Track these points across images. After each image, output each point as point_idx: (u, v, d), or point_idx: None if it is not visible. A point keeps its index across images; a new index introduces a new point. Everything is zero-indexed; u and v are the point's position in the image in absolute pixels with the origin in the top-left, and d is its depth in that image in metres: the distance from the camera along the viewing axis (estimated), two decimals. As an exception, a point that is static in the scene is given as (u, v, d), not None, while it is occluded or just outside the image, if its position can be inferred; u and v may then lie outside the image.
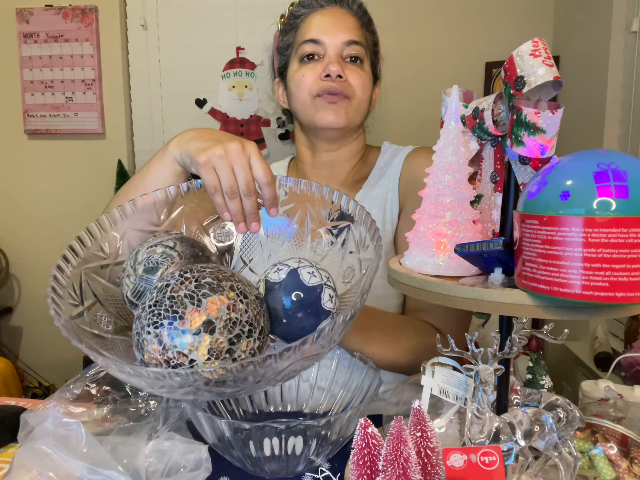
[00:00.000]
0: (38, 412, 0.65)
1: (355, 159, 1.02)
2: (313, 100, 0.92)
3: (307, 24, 0.94)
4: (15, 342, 2.47)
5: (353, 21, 0.94)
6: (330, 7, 0.93)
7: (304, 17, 0.95)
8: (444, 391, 0.62)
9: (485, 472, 0.48)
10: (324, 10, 0.93)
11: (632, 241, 0.41)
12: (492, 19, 2.06)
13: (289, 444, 0.63)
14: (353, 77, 0.91)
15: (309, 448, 0.63)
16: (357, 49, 0.92)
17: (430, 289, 0.53)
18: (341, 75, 0.90)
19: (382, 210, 0.96)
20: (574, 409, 0.58)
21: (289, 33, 0.98)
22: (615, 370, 1.30)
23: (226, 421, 0.61)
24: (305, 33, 0.93)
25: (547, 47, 0.52)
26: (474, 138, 0.61)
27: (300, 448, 0.63)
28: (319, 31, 0.91)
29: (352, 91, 0.92)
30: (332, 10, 0.93)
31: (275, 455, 0.63)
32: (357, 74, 0.92)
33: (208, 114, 2.25)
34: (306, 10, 0.95)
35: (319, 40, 0.91)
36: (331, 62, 0.89)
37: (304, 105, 0.94)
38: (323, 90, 0.90)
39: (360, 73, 0.93)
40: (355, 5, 0.95)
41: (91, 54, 2.23)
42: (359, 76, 0.92)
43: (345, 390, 0.80)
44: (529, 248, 0.46)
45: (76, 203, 2.34)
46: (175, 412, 0.74)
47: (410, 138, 2.15)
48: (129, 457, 0.62)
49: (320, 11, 0.94)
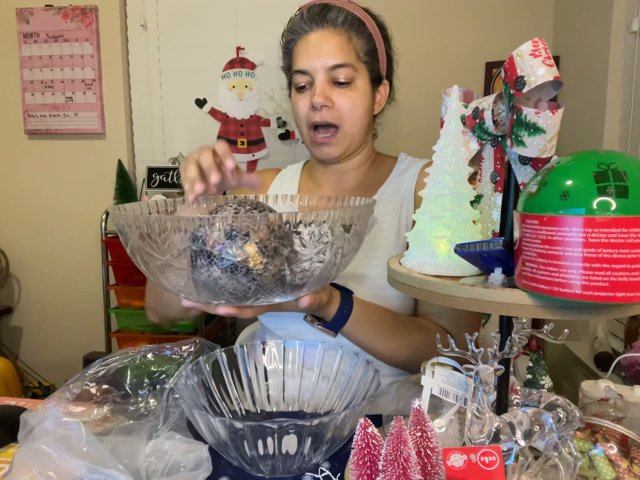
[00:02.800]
0: (38, 411, 0.65)
1: (366, 165, 1.04)
2: (309, 132, 0.95)
3: (296, 51, 0.95)
4: (15, 342, 2.47)
5: (336, 41, 0.92)
6: (314, 31, 0.93)
7: (293, 44, 0.97)
8: (444, 391, 0.62)
9: (485, 472, 0.48)
10: (309, 36, 0.93)
11: (632, 241, 0.41)
12: (492, 19, 2.06)
13: (283, 443, 0.63)
14: (341, 101, 0.92)
15: (304, 448, 0.63)
16: (343, 71, 0.91)
17: (430, 289, 0.53)
18: (327, 104, 0.91)
19: (398, 216, 0.98)
20: (574, 409, 0.58)
21: (286, 56, 1.00)
22: (615, 370, 1.30)
23: (220, 419, 0.61)
24: (296, 61, 0.95)
25: (547, 47, 0.52)
26: (474, 138, 0.61)
27: (295, 448, 0.63)
28: (304, 60, 0.93)
29: (339, 118, 0.93)
30: (315, 35, 0.93)
31: (270, 455, 0.64)
32: (344, 97, 0.92)
33: (208, 114, 2.25)
34: (295, 36, 0.96)
35: (305, 71, 0.93)
36: (315, 93, 0.91)
37: (303, 134, 0.99)
38: (313, 123, 0.93)
39: (348, 95, 0.93)
40: (339, 20, 0.93)
41: (91, 54, 2.23)
42: (346, 99, 0.92)
43: (346, 391, 0.80)
44: (529, 248, 0.46)
45: (76, 203, 2.34)
46: (175, 411, 0.74)
47: (410, 137, 2.16)
48: (129, 456, 0.62)
49: (305, 37, 0.94)
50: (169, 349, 0.84)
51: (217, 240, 0.58)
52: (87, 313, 2.36)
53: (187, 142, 2.29)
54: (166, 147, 2.31)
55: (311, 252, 0.62)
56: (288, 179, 1.10)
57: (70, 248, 2.36)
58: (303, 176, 1.10)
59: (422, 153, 1.07)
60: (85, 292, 2.36)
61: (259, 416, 0.82)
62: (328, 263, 0.64)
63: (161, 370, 0.81)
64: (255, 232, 0.58)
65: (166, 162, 2.28)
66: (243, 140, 2.25)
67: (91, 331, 2.37)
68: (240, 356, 0.84)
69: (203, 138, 2.26)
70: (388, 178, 1.03)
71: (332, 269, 0.66)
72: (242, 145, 2.25)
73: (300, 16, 0.95)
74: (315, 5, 0.94)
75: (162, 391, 0.77)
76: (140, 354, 0.82)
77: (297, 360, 0.85)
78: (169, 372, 0.81)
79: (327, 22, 0.92)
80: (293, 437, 0.62)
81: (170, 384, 0.78)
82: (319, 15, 0.93)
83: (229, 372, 0.82)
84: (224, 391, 0.81)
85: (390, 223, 0.97)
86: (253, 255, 0.59)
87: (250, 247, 0.58)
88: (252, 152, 2.25)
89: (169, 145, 2.30)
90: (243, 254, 0.58)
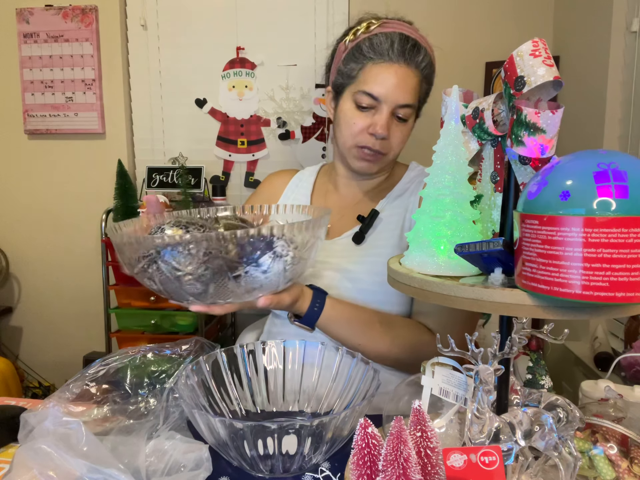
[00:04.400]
0: (38, 411, 0.65)
1: (384, 173, 1.10)
2: (353, 146, 0.99)
3: (372, 72, 0.95)
4: (15, 342, 2.47)
5: (414, 82, 0.95)
6: (399, 64, 0.94)
7: (371, 62, 0.95)
8: (444, 391, 0.62)
9: (485, 472, 0.48)
10: (391, 66, 0.94)
11: (632, 241, 0.41)
12: (492, 19, 2.06)
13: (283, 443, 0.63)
14: (395, 135, 0.98)
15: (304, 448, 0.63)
16: (408, 112, 0.97)
17: (430, 289, 0.53)
18: (387, 137, 0.96)
19: (402, 219, 1.03)
20: (574, 409, 0.58)
21: (352, 63, 0.98)
22: (615, 370, 1.30)
23: (220, 419, 0.61)
24: (367, 81, 0.95)
25: (547, 47, 0.52)
26: (474, 138, 0.61)
27: (295, 448, 0.63)
28: (380, 88, 0.94)
29: (389, 149, 0.99)
30: (398, 69, 0.94)
31: (270, 455, 0.64)
32: (399, 132, 0.98)
33: (208, 114, 2.25)
34: (375, 56, 0.95)
35: (377, 98, 0.94)
36: (380, 124, 0.94)
37: (344, 144, 1.01)
38: (365, 145, 0.97)
39: (402, 130, 0.98)
40: (422, 64, 0.96)
41: (91, 54, 2.23)
42: (400, 134, 0.98)
43: (346, 391, 0.80)
44: (529, 248, 0.46)
45: (76, 203, 2.34)
46: (175, 411, 0.74)
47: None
48: (129, 456, 0.62)
49: (387, 65, 0.94)
50: (168, 349, 0.84)
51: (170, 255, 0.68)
52: (87, 313, 2.36)
53: (187, 142, 2.29)
54: (166, 147, 2.31)
55: (248, 264, 0.70)
56: (305, 178, 1.16)
57: (70, 248, 2.36)
58: (319, 178, 1.16)
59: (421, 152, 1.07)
60: (85, 292, 2.36)
61: (259, 416, 0.82)
62: (274, 273, 0.71)
63: (161, 370, 0.81)
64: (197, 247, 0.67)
65: (166, 162, 2.28)
66: (243, 140, 2.25)
67: (91, 331, 2.37)
68: (240, 356, 0.84)
69: (203, 138, 2.27)
70: (398, 183, 1.08)
71: (279, 277, 0.73)
72: (242, 145, 2.25)
73: (389, 43, 0.94)
74: (408, 39, 0.94)
75: (162, 391, 0.77)
76: (140, 354, 0.82)
77: (297, 360, 0.85)
78: (169, 372, 0.81)
79: (412, 63, 0.95)
80: (293, 437, 0.62)
81: (170, 384, 0.78)
82: (409, 53, 0.94)
83: (229, 372, 0.82)
84: (224, 391, 0.81)
85: (395, 225, 1.02)
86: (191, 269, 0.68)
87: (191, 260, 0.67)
88: (252, 152, 2.25)
89: (169, 145, 2.30)
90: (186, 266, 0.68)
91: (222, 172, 2.28)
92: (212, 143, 2.26)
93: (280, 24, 2.16)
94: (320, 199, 1.11)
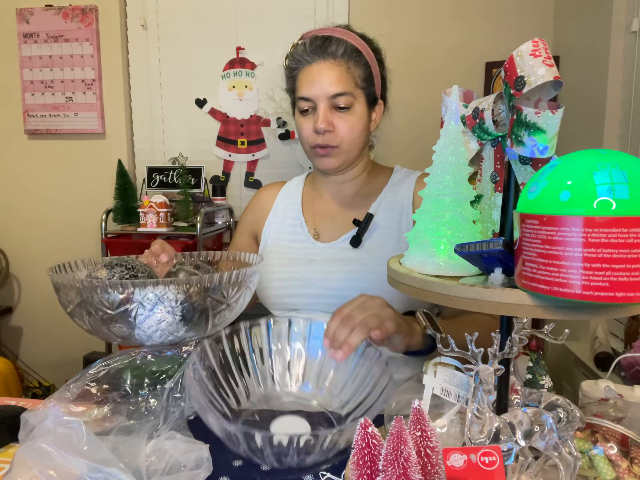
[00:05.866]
0: (39, 411, 0.65)
1: (363, 175, 1.13)
2: (310, 149, 1.06)
3: (300, 79, 1.04)
4: (15, 342, 2.47)
5: (338, 71, 1.00)
6: (316, 63, 1.01)
7: (297, 71, 1.05)
8: (446, 391, 0.62)
9: (485, 472, 0.48)
10: (311, 67, 1.01)
11: (632, 241, 0.41)
12: (493, 19, 2.06)
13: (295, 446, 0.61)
14: (341, 125, 1.02)
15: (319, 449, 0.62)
16: (343, 99, 1.00)
17: (430, 289, 0.53)
18: (329, 129, 1.01)
19: (398, 222, 1.05)
20: (574, 409, 0.58)
21: (289, 80, 1.09)
22: (615, 370, 1.30)
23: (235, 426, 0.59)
24: (299, 88, 1.04)
25: (547, 47, 0.52)
26: (474, 138, 0.61)
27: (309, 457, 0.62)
28: (308, 88, 1.01)
29: (339, 140, 1.03)
30: (316, 66, 1.01)
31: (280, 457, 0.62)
32: (344, 122, 1.02)
33: (208, 114, 2.25)
34: (298, 64, 1.04)
35: (308, 98, 1.02)
36: (319, 119, 1.01)
37: (305, 151, 1.10)
38: (316, 144, 1.04)
39: (347, 119, 1.02)
40: (339, 52, 1.00)
41: (91, 54, 2.23)
42: (345, 123, 1.02)
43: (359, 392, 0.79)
44: (529, 248, 0.46)
45: (76, 203, 2.34)
46: (175, 411, 0.74)
47: (410, 137, 2.16)
48: (129, 456, 0.62)
49: (308, 67, 1.02)
50: (169, 349, 0.84)
51: None
52: (87, 313, 2.36)
53: (187, 142, 2.29)
54: (166, 147, 2.31)
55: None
56: (293, 188, 1.20)
57: (70, 248, 2.36)
58: (306, 185, 1.20)
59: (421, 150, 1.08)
60: (85, 292, 2.36)
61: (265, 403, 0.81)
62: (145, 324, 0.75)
63: (161, 370, 0.81)
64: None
65: (166, 162, 2.28)
66: (243, 140, 2.25)
67: (91, 331, 2.37)
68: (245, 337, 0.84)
69: (203, 138, 2.27)
70: (386, 186, 1.11)
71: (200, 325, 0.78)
72: (242, 145, 2.25)
73: (303, 47, 1.03)
74: (318, 37, 1.02)
75: (162, 391, 0.77)
76: (141, 355, 0.82)
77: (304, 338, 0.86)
78: (169, 372, 0.81)
79: (328, 55, 1.01)
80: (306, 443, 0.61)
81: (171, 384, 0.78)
82: (321, 48, 1.01)
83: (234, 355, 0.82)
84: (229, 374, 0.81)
85: (391, 229, 1.04)
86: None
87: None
88: (252, 152, 2.25)
89: (169, 145, 2.31)
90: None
91: (222, 172, 2.29)
92: (212, 143, 2.26)
93: (280, 24, 2.16)
94: (309, 206, 1.15)
